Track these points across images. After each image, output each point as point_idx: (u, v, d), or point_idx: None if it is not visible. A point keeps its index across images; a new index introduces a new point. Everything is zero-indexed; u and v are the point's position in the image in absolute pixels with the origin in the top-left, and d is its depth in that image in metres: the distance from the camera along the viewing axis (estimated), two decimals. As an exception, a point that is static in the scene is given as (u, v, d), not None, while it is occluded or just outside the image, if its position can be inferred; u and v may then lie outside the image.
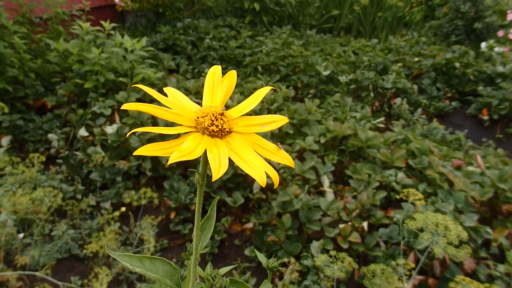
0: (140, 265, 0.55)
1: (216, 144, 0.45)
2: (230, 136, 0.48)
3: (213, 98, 0.53)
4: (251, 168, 0.43)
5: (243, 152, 0.45)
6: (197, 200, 0.52)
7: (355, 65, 4.26)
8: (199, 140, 0.45)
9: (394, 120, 3.48)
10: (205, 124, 0.47)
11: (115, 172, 2.56)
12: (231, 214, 2.41)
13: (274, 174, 0.44)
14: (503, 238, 1.91)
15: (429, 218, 1.24)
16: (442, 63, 4.05)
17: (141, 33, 4.97)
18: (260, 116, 0.52)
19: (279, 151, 0.49)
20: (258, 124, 0.51)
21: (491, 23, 4.81)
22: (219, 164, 0.42)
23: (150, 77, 3.26)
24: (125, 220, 2.36)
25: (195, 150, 0.43)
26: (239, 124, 0.50)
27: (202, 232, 0.58)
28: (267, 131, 2.66)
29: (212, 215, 0.59)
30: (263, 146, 0.49)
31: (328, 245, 1.97)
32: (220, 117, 0.48)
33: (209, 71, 0.56)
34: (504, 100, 3.58)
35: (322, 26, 5.86)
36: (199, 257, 0.56)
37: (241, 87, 3.46)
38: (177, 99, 0.53)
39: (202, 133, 0.47)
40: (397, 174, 2.30)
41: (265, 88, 0.53)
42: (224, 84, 0.55)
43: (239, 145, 0.47)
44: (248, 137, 0.49)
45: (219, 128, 0.47)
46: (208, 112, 0.48)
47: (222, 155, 0.44)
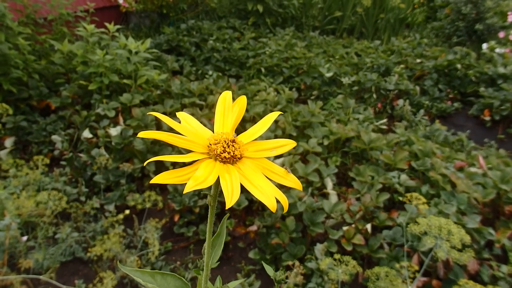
0: (151, 280, 0.56)
1: (228, 170, 0.47)
2: (241, 161, 0.50)
3: (224, 123, 0.54)
4: (262, 194, 0.45)
5: (253, 178, 0.47)
6: (208, 220, 0.53)
7: (357, 66, 4.27)
8: (212, 167, 0.47)
9: (397, 121, 3.49)
10: (217, 151, 0.49)
11: (119, 174, 2.57)
12: (235, 216, 2.42)
13: (284, 199, 0.46)
14: (506, 239, 1.92)
15: (432, 222, 1.26)
16: (444, 64, 4.06)
17: (145, 34, 4.99)
18: (269, 140, 0.54)
19: (288, 174, 0.50)
20: (267, 149, 0.53)
21: (492, 24, 4.82)
22: (231, 191, 0.44)
23: (154, 79, 3.28)
24: (129, 223, 2.38)
25: (208, 177, 0.45)
26: (249, 149, 0.52)
27: (213, 249, 0.59)
28: (270, 134, 2.68)
29: (222, 232, 0.61)
30: (272, 170, 0.50)
31: (332, 248, 1.98)
32: (232, 144, 0.49)
33: (220, 96, 0.57)
34: (505, 101, 3.58)
35: (325, 27, 5.87)
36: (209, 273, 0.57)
37: (245, 89, 3.47)
38: (190, 124, 0.55)
39: (214, 159, 0.49)
40: (400, 176, 2.31)
41: (274, 113, 0.55)
42: (235, 109, 0.56)
43: (249, 171, 0.48)
44: (258, 162, 0.51)
45: (231, 155, 0.49)
46: (220, 139, 0.49)
47: (234, 182, 0.45)
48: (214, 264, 0.58)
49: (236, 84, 3.77)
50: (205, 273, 0.56)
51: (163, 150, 2.59)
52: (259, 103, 3.03)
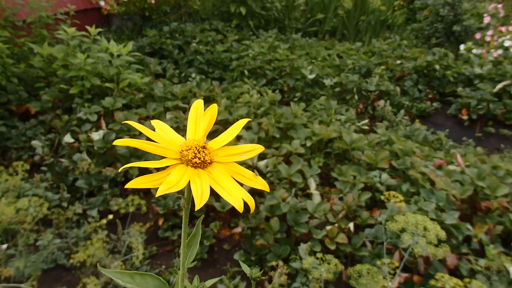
0: (131, 280, 0.58)
1: (199, 174, 0.50)
2: (212, 166, 0.53)
3: (196, 131, 0.58)
4: (230, 195, 0.48)
5: (223, 181, 0.50)
6: (183, 221, 0.56)
7: (339, 68, 4.32)
8: (183, 172, 0.50)
9: (378, 121, 3.54)
10: (189, 156, 0.51)
11: (102, 179, 2.56)
12: (220, 219, 2.43)
13: (251, 201, 0.49)
14: (483, 234, 1.98)
15: (409, 219, 1.29)
16: (423, 65, 4.13)
17: (127, 36, 4.97)
18: (238, 146, 0.57)
19: (256, 177, 0.53)
20: (236, 154, 0.55)
21: (469, 26, 4.93)
22: (201, 194, 0.47)
23: (137, 82, 3.27)
24: (112, 228, 2.36)
25: (180, 181, 0.48)
26: (220, 154, 0.54)
27: (189, 249, 0.61)
28: (254, 136, 2.70)
29: (198, 233, 0.63)
30: (241, 174, 0.53)
31: (316, 247, 2.01)
32: (202, 149, 0.52)
33: (192, 105, 0.60)
34: (482, 100, 3.67)
35: (308, 29, 5.92)
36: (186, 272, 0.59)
37: (228, 92, 3.49)
38: (164, 132, 0.58)
39: (186, 165, 0.52)
40: (381, 175, 2.35)
41: (243, 120, 0.58)
42: (206, 117, 0.59)
43: (219, 174, 0.51)
44: (228, 166, 0.54)
45: (201, 160, 0.51)
46: (191, 146, 0.52)
47: (204, 185, 0.48)
48: (190, 264, 0.60)
49: (220, 86, 3.78)
50: (181, 272, 0.58)
51: (146, 155, 2.59)
52: (243, 106, 3.05)
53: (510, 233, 2.12)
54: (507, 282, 1.83)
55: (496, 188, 2.23)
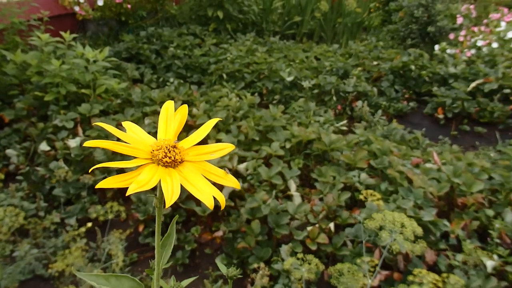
0: (106, 283, 0.58)
1: (170, 173, 0.51)
2: (182, 165, 0.53)
3: (167, 131, 0.58)
4: (200, 193, 0.49)
5: (193, 179, 0.51)
6: (156, 221, 0.56)
7: (317, 70, 4.36)
8: (154, 171, 0.50)
9: (356, 122, 3.58)
10: (159, 156, 0.52)
11: (80, 186, 2.52)
12: (201, 223, 2.42)
13: (221, 197, 0.50)
14: (459, 229, 2.02)
15: (386, 216, 1.31)
16: (399, 66, 4.20)
17: (103, 42, 4.91)
18: (209, 145, 0.58)
19: (227, 175, 0.54)
20: (207, 153, 0.56)
21: (443, 26, 5.04)
22: (171, 192, 0.48)
23: (114, 88, 3.23)
24: (92, 236, 2.33)
25: (150, 180, 0.48)
26: (190, 153, 0.55)
27: (163, 249, 0.61)
28: (234, 139, 2.70)
29: (172, 233, 0.64)
30: (212, 172, 0.54)
31: (297, 248, 2.02)
32: (173, 149, 0.53)
33: (163, 106, 0.61)
34: (456, 99, 3.75)
35: (285, 32, 5.96)
36: (161, 272, 0.59)
37: (206, 96, 3.48)
38: (135, 133, 0.58)
39: (157, 164, 0.52)
40: (360, 174, 2.37)
41: (212, 120, 0.59)
42: (177, 117, 0.60)
43: (190, 173, 0.52)
44: (198, 165, 0.54)
45: (172, 160, 0.52)
46: (162, 145, 0.53)
47: (175, 183, 0.49)
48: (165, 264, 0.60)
49: (198, 90, 3.77)
50: (156, 272, 0.58)
51: (125, 159, 2.56)
52: (222, 109, 3.05)
53: (486, 228, 2.17)
54: (484, 275, 1.87)
55: (472, 185, 2.28)
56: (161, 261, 0.59)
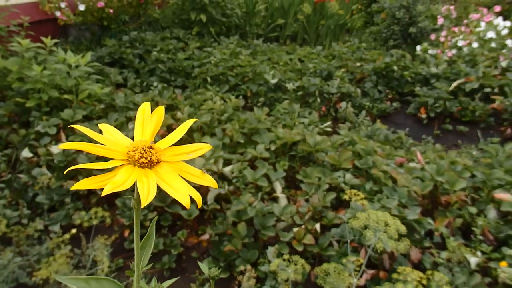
0: (86, 285, 0.58)
1: (146, 174, 0.51)
2: (159, 165, 0.53)
3: (143, 132, 0.58)
4: (177, 193, 0.49)
5: (170, 179, 0.51)
6: (135, 222, 0.56)
7: (301, 72, 4.38)
8: (130, 172, 0.50)
9: (341, 123, 3.61)
10: (135, 157, 0.52)
11: (64, 193, 2.49)
12: (187, 227, 2.40)
13: (198, 196, 0.51)
14: (443, 227, 2.05)
15: (370, 216, 1.32)
16: (382, 66, 4.25)
17: (85, 47, 4.86)
18: (186, 145, 0.57)
19: (204, 175, 0.55)
20: (184, 153, 0.56)
21: (424, 27, 5.11)
22: (147, 192, 0.48)
23: (97, 93, 3.20)
24: (76, 243, 2.30)
25: (126, 181, 0.48)
26: (167, 154, 0.55)
27: (143, 250, 0.61)
28: (218, 142, 2.69)
29: (152, 234, 0.64)
30: (189, 172, 0.54)
31: (284, 249, 2.02)
32: (149, 150, 0.53)
33: (139, 108, 0.61)
34: (438, 98, 3.81)
35: (269, 35, 5.98)
36: (141, 273, 0.59)
37: (191, 99, 3.47)
38: (111, 135, 0.58)
39: (133, 165, 0.52)
40: (345, 175, 2.39)
41: (189, 121, 0.59)
42: (153, 118, 0.60)
43: (166, 173, 0.52)
44: (175, 165, 0.55)
45: (148, 160, 0.52)
46: (138, 146, 0.53)
47: (151, 183, 0.49)
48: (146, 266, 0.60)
49: (182, 94, 3.76)
50: (136, 273, 0.58)
51: (109, 165, 2.53)
52: (206, 112, 3.04)
53: (469, 225, 2.21)
54: (468, 272, 1.89)
55: (455, 183, 2.31)
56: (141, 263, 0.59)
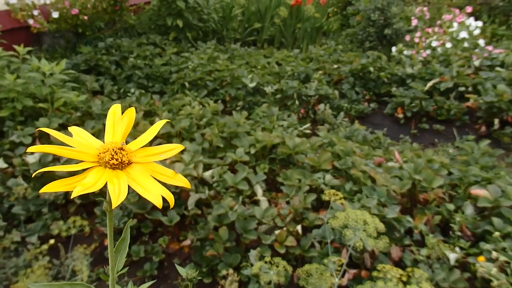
0: None
1: (117, 175, 0.51)
2: (130, 167, 0.53)
3: (114, 134, 0.58)
4: (148, 193, 0.49)
5: (141, 180, 0.51)
6: (108, 225, 0.56)
7: (279, 75, 4.40)
8: (101, 174, 0.50)
9: (320, 125, 3.64)
10: (106, 158, 0.52)
11: (41, 203, 2.43)
12: (168, 233, 2.38)
13: (170, 196, 0.50)
14: (422, 224, 2.08)
15: (349, 215, 1.33)
16: (358, 68, 4.30)
17: (60, 55, 4.78)
18: (157, 146, 0.57)
19: (176, 175, 0.55)
20: (156, 154, 0.56)
21: (399, 29, 5.20)
22: (118, 192, 0.48)
23: (73, 100, 3.15)
24: (55, 253, 2.25)
25: (97, 183, 0.48)
26: (138, 155, 0.55)
27: (118, 254, 0.60)
28: (198, 147, 2.68)
29: (126, 237, 0.63)
30: (161, 173, 0.54)
31: (266, 252, 2.02)
32: (120, 151, 0.53)
33: (109, 110, 0.61)
34: (414, 98, 3.87)
35: (246, 39, 5.99)
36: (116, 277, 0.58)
37: (169, 105, 3.45)
38: (82, 137, 0.58)
39: (104, 167, 0.52)
40: (325, 176, 2.41)
41: (160, 122, 0.59)
42: (124, 120, 0.60)
43: (138, 174, 0.52)
44: (147, 166, 0.55)
45: (119, 161, 0.52)
46: (108, 148, 0.53)
47: (122, 184, 0.49)
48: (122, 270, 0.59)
49: (160, 100, 3.73)
50: (111, 277, 0.58)
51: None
52: (184, 118, 3.02)
53: (448, 222, 2.25)
54: (448, 268, 1.93)
55: (432, 180, 2.35)
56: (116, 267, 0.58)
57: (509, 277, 1.72)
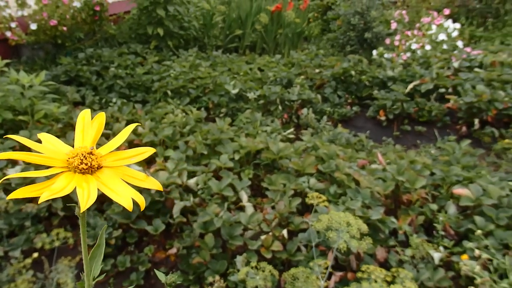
0: None
1: (86, 180, 0.51)
2: (101, 171, 0.54)
3: (84, 139, 0.58)
4: (118, 196, 0.50)
5: (111, 183, 0.52)
6: (81, 230, 0.56)
7: (262, 81, 4.42)
8: (70, 178, 0.50)
9: (303, 129, 3.66)
10: (75, 163, 0.52)
11: (23, 216, 2.39)
12: (154, 242, 2.36)
13: (140, 199, 0.51)
14: (406, 225, 2.10)
15: (333, 217, 1.34)
16: (340, 72, 4.35)
17: (40, 66, 4.73)
18: (128, 150, 0.58)
19: (148, 178, 0.55)
20: (126, 157, 0.57)
21: (379, 32, 5.28)
22: (87, 196, 0.48)
23: (54, 112, 3.12)
24: (39, 267, 2.22)
25: (66, 187, 0.48)
26: (109, 159, 0.56)
27: (93, 260, 0.60)
28: (182, 155, 2.67)
29: (102, 243, 0.63)
30: (133, 176, 0.54)
31: (253, 258, 2.02)
32: (89, 156, 0.53)
33: (79, 115, 0.61)
34: (396, 100, 3.93)
35: (228, 46, 6.01)
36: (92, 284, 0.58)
37: (152, 113, 3.43)
38: (51, 144, 0.58)
39: (74, 172, 0.52)
40: (310, 180, 2.42)
41: (131, 126, 0.59)
42: (94, 125, 0.60)
43: (108, 178, 0.53)
44: (118, 170, 0.55)
45: (88, 166, 0.52)
46: (77, 153, 0.53)
47: (91, 188, 0.49)
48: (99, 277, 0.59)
49: (143, 109, 3.71)
50: (86, 284, 0.58)
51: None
52: (168, 126, 3.01)
53: (431, 222, 2.28)
54: (432, 267, 1.95)
55: (415, 181, 2.38)
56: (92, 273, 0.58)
57: (492, 275, 1.75)
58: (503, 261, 1.75)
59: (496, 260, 1.78)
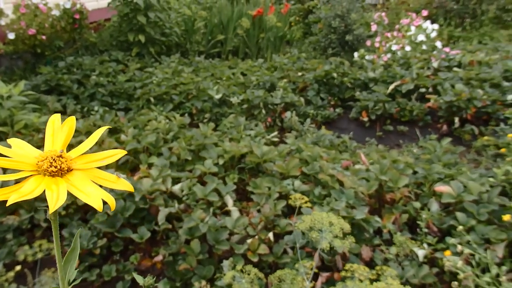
0: None
1: (56, 182, 0.51)
2: (71, 173, 0.54)
3: (54, 143, 0.59)
4: (88, 197, 0.50)
5: (81, 185, 0.52)
6: (54, 234, 0.56)
7: (245, 85, 4.43)
8: (39, 181, 0.51)
9: (287, 132, 3.67)
10: (44, 166, 0.52)
11: (5, 229, 2.35)
12: (140, 250, 2.34)
13: (110, 200, 0.51)
14: (390, 224, 2.12)
15: (315, 217, 1.35)
16: (322, 74, 4.38)
17: (19, 76, 4.66)
18: (99, 153, 0.58)
19: (119, 179, 0.55)
20: (96, 160, 0.57)
21: (360, 34, 5.34)
22: (56, 198, 0.48)
23: (34, 122, 3.08)
24: (22, 279, 2.18)
25: (34, 190, 0.48)
26: (79, 162, 0.56)
27: (68, 264, 0.60)
28: (166, 161, 2.66)
29: (76, 247, 0.63)
30: (103, 178, 0.55)
31: (239, 262, 2.01)
32: (59, 158, 0.53)
33: (48, 120, 0.61)
34: (378, 101, 3.97)
35: (210, 51, 6.01)
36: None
37: (134, 121, 3.41)
38: (21, 148, 0.58)
39: (43, 175, 0.52)
40: (294, 182, 2.43)
41: (101, 129, 0.60)
42: (64, 129, 0.60)
43: (78, 180, 0.53)
44: (88, 172, 0.55)
45: (58, 168, 0.53)
46: (47, 156, 0.53)
47: (61, 190, 0.49)
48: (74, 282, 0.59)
49: (125, 116, 3.69)
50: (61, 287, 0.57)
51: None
52: (151, 133, 3.00)
53: (415, 220, 2.30)
54: (417, 264, 1.97)
55: (398, 180, 2.41)
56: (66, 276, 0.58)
57: (475, 269, 1.78)
58: (485, 255, 1.78)
59: (478, 255, 1.81)
